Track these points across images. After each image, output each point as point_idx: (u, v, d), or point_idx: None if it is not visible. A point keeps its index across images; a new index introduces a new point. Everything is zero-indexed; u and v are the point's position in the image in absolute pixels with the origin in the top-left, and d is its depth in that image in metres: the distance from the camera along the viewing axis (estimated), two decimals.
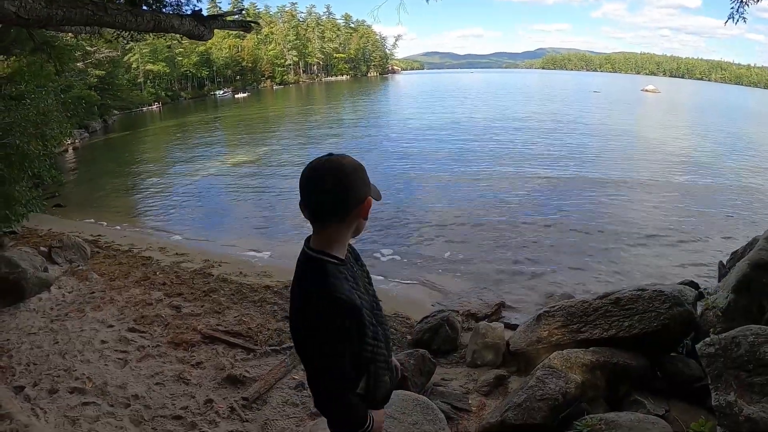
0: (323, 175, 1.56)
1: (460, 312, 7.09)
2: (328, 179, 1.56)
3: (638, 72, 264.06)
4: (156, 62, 78.22)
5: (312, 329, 1.58)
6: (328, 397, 1.67)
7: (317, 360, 1.62)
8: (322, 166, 1.58)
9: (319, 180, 1.56)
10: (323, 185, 1.56)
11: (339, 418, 1.75)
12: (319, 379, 1.64)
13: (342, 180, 1.57)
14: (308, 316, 1.58)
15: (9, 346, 5.58)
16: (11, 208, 8.63)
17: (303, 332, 1.61)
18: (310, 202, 1.60)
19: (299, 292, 1.64)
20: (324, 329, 1.55)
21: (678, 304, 4.30)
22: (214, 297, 7.60)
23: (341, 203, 1.59)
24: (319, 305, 1.55)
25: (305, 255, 1.68)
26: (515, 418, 3.64)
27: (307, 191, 1.59)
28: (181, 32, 5.05)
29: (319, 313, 1.55)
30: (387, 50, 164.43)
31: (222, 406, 4.48)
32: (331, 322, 1.55)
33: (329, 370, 1.61)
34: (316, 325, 1.56)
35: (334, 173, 1.57)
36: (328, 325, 1.55)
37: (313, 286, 1.60)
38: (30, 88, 10.27)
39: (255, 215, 14.81)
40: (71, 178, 21.17)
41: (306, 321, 1.59)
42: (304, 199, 1.61)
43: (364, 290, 1.76)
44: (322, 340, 1.57)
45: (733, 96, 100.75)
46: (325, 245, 1.66)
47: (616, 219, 13.11)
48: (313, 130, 36.38)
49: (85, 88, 35.53)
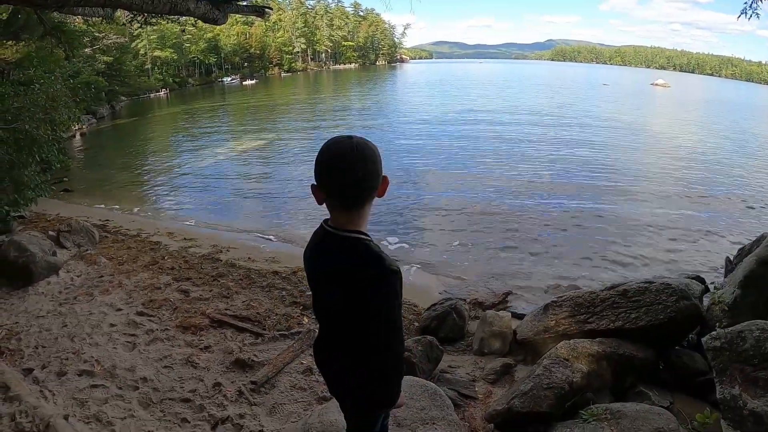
0: (356, 160, 1.59)
1: (467, 300, 7.12)
2: (360, 164, 1.59)
3: (648, 66, 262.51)
4: (164, 48, 77.91)
5: (388, 298, 1.67)
6: (397, 362, 1.79)
7: (390, 326, 1.72)
8: (351, 151, 1.59)
9: (354, 164, 1.59)
10: (357, 171, 1.59)
11: (398, 383, 1.85)
12: (392, 345, 1.75)
13: (375, 163, 1.63)
14: (382, 289, 1.66)
15: (18, 329, 5.63)
16: (20, 193, 8.69)
17: (377, 303, 1.67)
18: (343, 186, 1.63)
19: (360, 268, 1.67)
20: (396, 297, 1.68)
21: (685, 298, 4.31)
22: (223, 282, 7.63)
23: (374, 187, 1.67)
24: (391, 278, 1.65)
25: (339, 236, 1.70)
26: (522, 406, 3.66)
27: (337, 176, 1.62)
28: (196, 15, 5.04)
29: (392, 283, 1.65)
30: (396, 39, 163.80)
31: (230, 390, 4.51)
32: (400, 290, 1.69)
33: (399, 334, 1.76)
34: (392, 294, 1.67)
35: (365, 157, 1.61)
36: (399, 293, 1.69)
37: (374, 260, 1.66)
38: (39, 74, 10.29)
39: (263, 201, 14.85)
40: (79, 164, 21.17)
41: (381, 292, 1.66)
42: (331, 183, 1.64)
43: None
44: (395, 306, 1.70)
45: (744, 92, 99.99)
46: (360, 224, 1.71)
47: (624, 212, 13.07)
48: (320, 118, 36.25)
49: (94, 74, 35.48)
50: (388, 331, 1.71)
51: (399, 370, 1.82)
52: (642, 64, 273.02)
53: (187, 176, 18.86)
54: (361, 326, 1.72)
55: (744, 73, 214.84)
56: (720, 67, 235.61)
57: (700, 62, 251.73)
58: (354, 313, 1.71)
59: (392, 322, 1.71)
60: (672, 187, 16.13)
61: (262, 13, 6.33)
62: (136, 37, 67.61)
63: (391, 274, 1.64)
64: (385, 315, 1.68)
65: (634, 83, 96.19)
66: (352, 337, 1.78)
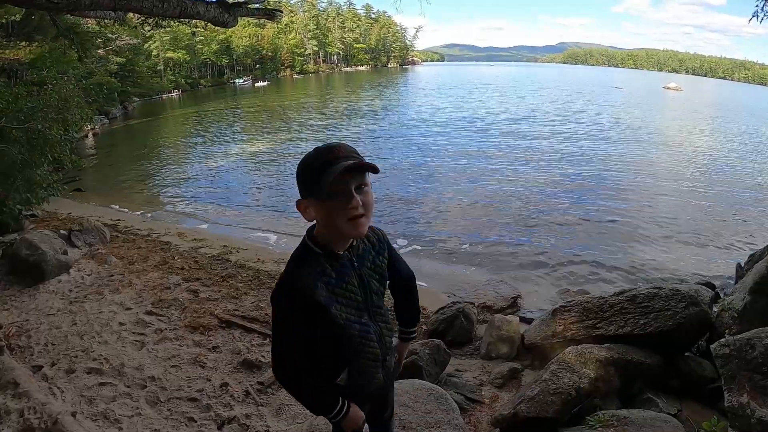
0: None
1: (475, 304, 7.08)
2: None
3: (660, 69, 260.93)
4: (176, 50, 78.51)
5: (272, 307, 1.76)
6: (277, 368, 1.79)
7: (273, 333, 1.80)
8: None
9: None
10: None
11: (295, 397, 1.84)
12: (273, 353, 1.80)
13: (301, 173, 1.65)
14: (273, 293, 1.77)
15: (28, 326, 5.70)
16: (32, 191, 8.79)
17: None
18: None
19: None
20: (277, 308, 1.72)
21: (694, 304, 4.27)
22: (232, 282, 7.66)
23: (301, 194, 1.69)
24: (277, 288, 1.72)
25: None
26: (528, 411, 3.65)
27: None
28: (206, 19, 5.08)
29: (275, 294, 1.72)
30: (407, 41, 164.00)
31: (237, 390, 4.54)
32: (285, 303, 1.70)
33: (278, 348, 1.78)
34: (275, 303, 1.74)
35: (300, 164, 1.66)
36: (283, 306, 1.71)
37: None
38: (52, 74, 10.41)
39: (273, 203, 14.86)
40: (91, 163, 21.34)
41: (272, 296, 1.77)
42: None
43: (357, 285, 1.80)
44: (277, 317, 1.75)
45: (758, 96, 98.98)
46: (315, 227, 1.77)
47: (635, 217, 12.97)
48: (332, 119, 36.34)
49: (106, 75, 35.88)
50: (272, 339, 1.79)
51: (294, 393, 1.82)
52: (654, 67, 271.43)
53: (198, 177, 18.96)
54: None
55: (757, 76, 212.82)
56: (732, 71, 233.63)
57: (713, 65, 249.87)
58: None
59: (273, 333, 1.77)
60: (683, 191, 15.99)
61: (272, 17, 6.37)
62: (149, 39, 68.19)
63: (279, 289, 1.69)
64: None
65: (647, 87, 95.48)
66: None
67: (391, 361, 2.04)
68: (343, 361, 1.81)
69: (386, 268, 1.93)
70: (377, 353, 1.87)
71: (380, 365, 1.91)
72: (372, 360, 1.86)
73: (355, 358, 1.82)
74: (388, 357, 1.97)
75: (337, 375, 1.82)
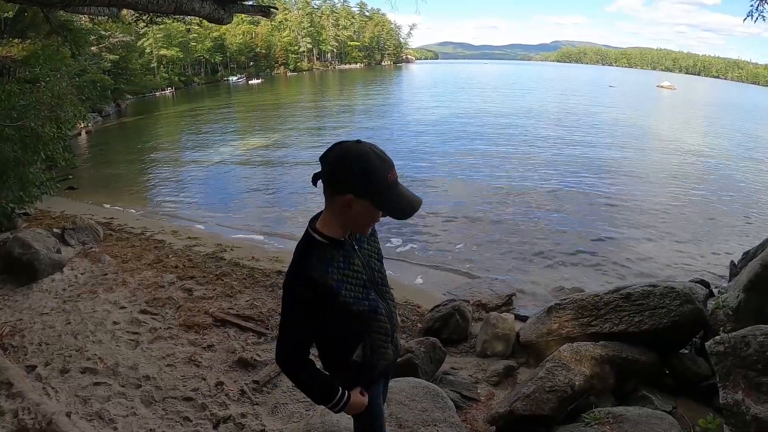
0: (333, 157, 1.71)
1: (470, 302, 7.08)
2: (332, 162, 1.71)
3: (654, 68, 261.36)
4: (170, 47, 78.31)
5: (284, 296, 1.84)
6: (282, 362, 1.86)
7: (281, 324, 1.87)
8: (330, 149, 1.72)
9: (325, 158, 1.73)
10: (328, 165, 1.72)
11: (296, 384, 1.98)
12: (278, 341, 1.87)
13: (343, 168, 1.71)
14: (285, 285, 1.84)
15: (21, 326, 5.66)
16: (25, 190, 8.75)
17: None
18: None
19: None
20: (288, 298, 1.81)
21: (689, 302, 4.28)
22: (226, 281, 7.64)
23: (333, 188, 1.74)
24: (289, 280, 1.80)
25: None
26: (523, 409, 3.65)
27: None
28: (201, 15, 5.04)
29: (287, 286, 1.80)
30: (401, 39, 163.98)
31: (233, 389, 4.52)
32: (298, 295, 1.76)
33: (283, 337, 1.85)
34: (286, 294, 1.83)
35: (337, 158, 1.70)
36: (295, 297, 1.78)
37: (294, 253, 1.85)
38: (45, 72, 10.35)
39: (267, 201, 14.81)
40: (85, 161, 21.30)
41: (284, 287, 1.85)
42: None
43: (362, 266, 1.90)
44: (287, 307, 1.83)
45: (751, 95, 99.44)
46: (323, 220, 1.84)
47: (629, 215, 13.01)
48: (326, 117, 36.32)
49: (99, 73, 35.65)
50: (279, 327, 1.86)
51: (293, 379, 1.93)
52: (648, 66, 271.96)
53: (192, 175, 18.88)
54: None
55: (750, 75, 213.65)
56: (726, 70, 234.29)
57: (706, 65, 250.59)
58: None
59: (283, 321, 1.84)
60: (677, 190, 16.02)
61: (267, 13, 6.33)
62: (142, 36, 68.05)
63: (292, 278, 1.76)
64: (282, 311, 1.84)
65: (640, 85, 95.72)
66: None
67: (398, 338, 2.13)
68: (356, 339, 1.91)
69: (379, 248, 2.08)
70: (387, 328, 1.98)
71: (390, 341, 2.01)
72: (383, 334, 1.97)
73: (367, 335, 1.91)
74: (395, 334, 2.06)
75: (351, 354, 1.91)
